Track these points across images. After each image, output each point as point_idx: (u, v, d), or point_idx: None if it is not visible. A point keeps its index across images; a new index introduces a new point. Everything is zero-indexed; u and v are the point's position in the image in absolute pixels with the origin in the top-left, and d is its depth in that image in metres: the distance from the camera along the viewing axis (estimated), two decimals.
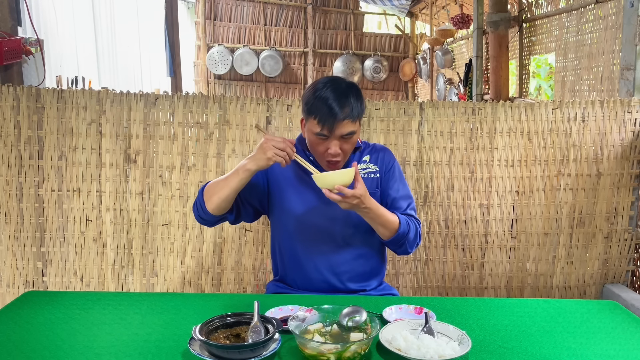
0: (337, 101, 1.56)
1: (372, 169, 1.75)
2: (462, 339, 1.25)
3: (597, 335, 1.36)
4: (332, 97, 1.56)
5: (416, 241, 1.72)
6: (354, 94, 1.61)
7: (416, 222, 1.73)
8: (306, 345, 1.18)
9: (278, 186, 1.74)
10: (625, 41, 2.65)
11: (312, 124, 1.60)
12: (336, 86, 1.60)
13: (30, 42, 2.98)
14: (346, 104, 1.57)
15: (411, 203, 1.76)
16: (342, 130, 1.58)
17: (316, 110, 1.57)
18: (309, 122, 1.62)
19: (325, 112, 1.56)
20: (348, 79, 1.70)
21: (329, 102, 1.56)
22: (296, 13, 7.98)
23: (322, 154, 1.63)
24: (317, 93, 1.59)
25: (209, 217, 1.66)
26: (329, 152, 1.60)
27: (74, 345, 1.27)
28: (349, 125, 1.58)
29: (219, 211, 1.63)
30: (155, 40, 6.83)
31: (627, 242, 2.49)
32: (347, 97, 1.58)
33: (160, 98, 2.40)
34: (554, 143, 2.43)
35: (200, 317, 1.37)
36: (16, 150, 2.37)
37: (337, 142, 1.59)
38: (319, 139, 1.61)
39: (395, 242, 1.68)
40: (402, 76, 8.25)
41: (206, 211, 1.62)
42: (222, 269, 2.50)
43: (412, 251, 1.75)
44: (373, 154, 1.78)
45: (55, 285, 2.46)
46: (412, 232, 1.68)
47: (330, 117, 1.56)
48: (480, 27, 4.75)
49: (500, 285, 2.53)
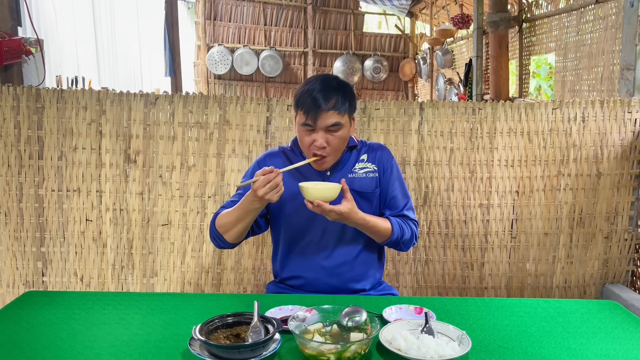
0: (322, 92, 1.59)
1: (371, 169, 1.75)
2: (462, 339, 1.25)
3: (597, 335, 1.36)
4: (318, 89, 1.60)
5: (412, 242, 1.76)
6: (343, 90, 1.63)
7: (412, 224, 1.75)
8: (306, 345, 1.18)
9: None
10: (625, 41, 2.65)
11: (300, 115, 1.63)
12: (325, 81, 1.64)
13: (30, 42, 2.98)
14: (332, 97, 1.60)
15: (408, 202, 1.78)
16: (327, 121, 1.59)
17: (303, 101, 1.61)
18: (297, 114, 1.66)
19: (310, 102, 1.59)
20: (343, 79, 1.72)
21: (315, 94, 1.59)
22: (296, 13, 7.98)
23: (308, 146, 1.64)
24: (306, 86, 1.63)
25: (231, 246, 1.71)
26: (314, 145, 1.62)
27: (74, 345, 1.27)
28: (334, 117, 1.60)
29: (239, 239, 1.69)
30: (155, 40, 6.83)
31: (627, 242, 2.49)
32: (334, 91, 1.61)
33: (160, 98, 2.40)
34: (554, 143, 2.43)
35: (200, 317, 1.37)
36: (16, 150, 2.37)
37: (323, 133, 1.61)
38: (305, 130, 1.63)
39: (389, 245, 1.73)
40: (402, 76, 8.25)
41: (226, 242, 1.67)
42: (222, 269, 2.50)
43: (408, 250, 1.80)
44: (371, 153, 1.78)
45: (55, 285, 2.46)
46: (406, 234, 1.71)
47: (314, 107, 1.58)
48: (480, 27, 4.75)
49: (500, 285, 2.53)
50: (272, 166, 1.53)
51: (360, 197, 1.72)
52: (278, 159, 1.78)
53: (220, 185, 2.44)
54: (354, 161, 1.75)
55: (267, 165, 1.75)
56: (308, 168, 1.72)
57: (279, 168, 1.72)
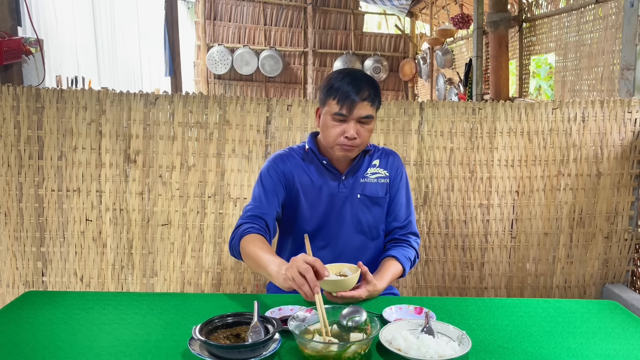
0: (358, 82, 1.59)
1: (383, 174, 1.75)
2: (462, 339, 1.25)
3: (597, 335, 1.35)
4: (351, 80, 1.59)
5: (416, 261, 1.79)
6: (373, 84, 1.63)
7: (414, 242, 1.77)
8: (306, 345, 1.18)
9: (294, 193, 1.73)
10: (625, 41, 2.65)
11: (331, 104, 1.60)
12: (356, 73, 1.63)
13: (30, 42, 2.98)
14: (365, 88, 1.59)
15: (411, 214, 1.79)
16: (361, 112, 1.59)
17: (336, 91, 1.59)
18: (327, 104, 1.62)
19: (345, 92, 1.58)
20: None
21: (349, 83, 1.58)
22: (296, 13, 7.98)
23: (337, 137, 1.61)
24: (337, 77, 1.62)
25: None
26: (345, 135, 1.59)
27: (74, 345, 1.27)
28: (367, 108, 1.60)
29: None
30: (155, 40, 6.83)
31: (627, 242, 2.49)
32: (366, 83, 1.60)
33: (160, 98, 2.40)
34: (554, 143, 2.43)
35: (200, 317, 1.37)
36: (16, 150, 2.37)
37: (355, 124, 1.59)
38: (336, 120, 1.60)
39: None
40: (402, 76, 8.25)
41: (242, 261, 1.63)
42: (222, 269, 2.50)
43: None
44: (383, 158, 1.77)
45: (55, 285, 2.46)
46: (412, 262, 1.75)
47: (350, 96, 1.57)
48: (480, 27, 4.75)
49: (500, 285, 2.53)
50: (325, 272, 1.33)
51: (372, 202, 1.72)
52: (293, 159, 1.73)
53: (220, 185, 2.44)
54: (367, 166, 1.75)
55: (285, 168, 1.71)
56: (323, 170, 1.71)
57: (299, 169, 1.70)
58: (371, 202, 1.72)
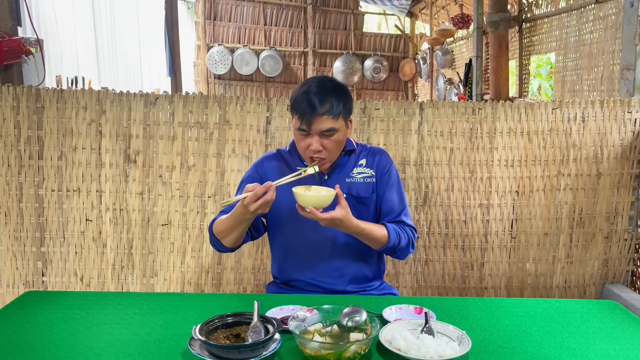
0: (317, 96, 1.58)
1: (369, 174, 1.74)
2: (462, 339, 1.25)
3: (597, 335, 1.36)
4: (313, 93, 1.59)
5: (409, 250, 1.74)
6: (338, 93, 1.62)
7: (409, 231, 1.73)
8: (306, 345, 1.18)
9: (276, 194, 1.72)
10: (625, 41, 2.65)
11: (295, 119, 1.63)
12: (321, 84, 1.62)
13: (30, 42, 2.98)
14: (326, 101, 1.58)
15: (405, 209, 1.76)
16: (321, 126, 1.58)
17: (297, 106, 1.60)
18: (293, 118, 1.65)
19: (305, 107, 1.58)
20: (340, 81, 1.72)
21: (309, 97, 1.58)
22: (296, 13, 7.98)
23: (304, 150, 1.64)
24: (301, 89, 1.62)
25: (231, 250, 1.72)
26: (310, 149, 1.61)
27: (74, 345, 1.27)
28: (328, 122, 1.59)
29: (237, 243, 1.68)
30: (155, 41, 6.83)
31: (627, 242, 2.49)
32: (329, 94, 1.59)
33: (160, 98, 2.40)
34: (554, 143, 2.43)
35: (200, 317, 1.37)
36: (16, 150, 2.37)
37: (318, 138, 1.60)
38: (301, 134, 1.63)
39: (385, 252, 1.72)
40: (402, 76, 8.25)
41: (225, 247, 1.68)
42: (222, 269, 2.50)
43: (405, 258, 1.79)
44: (369, 157, 1.77)
45: (55, 285, 2.46)
46: (403, 241, 1.69)
47: (308, 112, 1.57)
48: (480, 27, 4.75)
49: (500, 285, 2.53)
50: (268, 181, 1.50)
51: (358, 202, 1.71)
52: (275, 161, 1.77)
53: (220, 185, 2.44)
54: (353, 165, 1.74)
55: (265, 168, 1.76)
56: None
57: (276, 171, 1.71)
58: (357, 201, 1.71)
